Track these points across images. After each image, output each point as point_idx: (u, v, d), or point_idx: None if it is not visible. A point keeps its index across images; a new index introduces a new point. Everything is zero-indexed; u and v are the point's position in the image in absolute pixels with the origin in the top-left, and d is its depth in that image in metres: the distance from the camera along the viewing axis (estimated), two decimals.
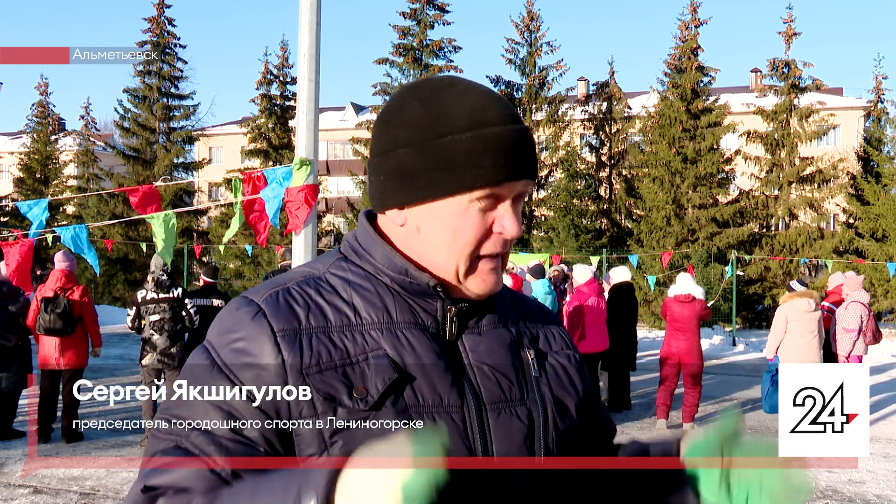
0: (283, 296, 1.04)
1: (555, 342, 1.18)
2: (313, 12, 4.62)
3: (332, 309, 1.04)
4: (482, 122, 1.01)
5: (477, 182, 1.00)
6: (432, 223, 1.03)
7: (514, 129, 1.03)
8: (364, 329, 1.03)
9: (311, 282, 1.07)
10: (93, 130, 32.25)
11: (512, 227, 1.03)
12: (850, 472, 7.05)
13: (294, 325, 1.00)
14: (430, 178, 1.01)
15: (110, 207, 25.11)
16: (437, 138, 1.00)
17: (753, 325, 20.87)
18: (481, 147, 1.00)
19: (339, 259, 1.10)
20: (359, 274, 1.07)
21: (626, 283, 9.74)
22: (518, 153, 1.03)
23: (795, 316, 8.65)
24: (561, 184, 22.74)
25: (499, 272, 1.07)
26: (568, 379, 1.14)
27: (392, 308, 1.05)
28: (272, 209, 5.52)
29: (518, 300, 1.20)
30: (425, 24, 24.31)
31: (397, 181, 1.03)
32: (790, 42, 21.64)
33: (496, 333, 1.10)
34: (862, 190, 21.65)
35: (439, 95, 1.03)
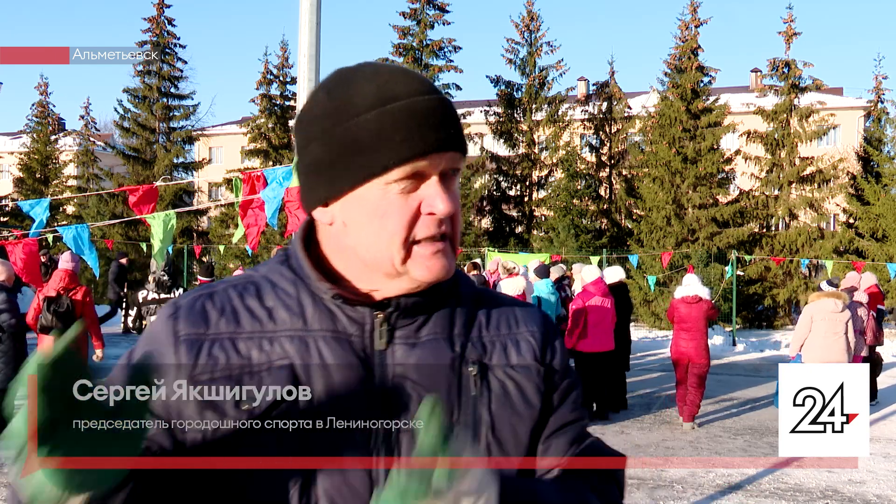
0: (204, 299, 1.03)
1: (517, 353, 1.06)
2: (313, 12, 4.62)
3: (248, 314, 1.00)
4: (388, 98, 0.95)
5: (390, 161, 0.94)
6: (357, 215, 0.98)
7: (426, 100, 0.96)
8: (275, 336, 0.99)
9: (241, 285, 1.04)
10: (93, 130, 32.24)
11: (441, 205, 0.95)
12: (850, 472, 7.05)
13: (200, 330, 0.99)
14: (342, 166, 0.96)
15: (110, 207, 25.10)
16: (343, 123, 0.95)
17: (753, 325, 20.87)
18: (389, 123, 0.94)
19: (280, 260, 1.07)
20: (288, 278, 1.03)
21: (619, 283, 9.77)
22: (433, 124, 0.95)
23: (821, 316, 8.75)
24: (561, 184, 22.74)
25: (447, 255, 0.99)
26: (520, 396, 1.04)
27: (310, 315, 1.00)
28: (271, 209, 5.52)
29: (484, 301, 1.10)
30: (425, 24, 24.31)
31: (314, 177, 1.00)
32: (790, 42, 21.63)
33: (434, 345, 1.01)
34: (862, 190, 21.64)
35: (346, 81, 0.99)
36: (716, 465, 7.28)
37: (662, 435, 8.40)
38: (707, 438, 8.28)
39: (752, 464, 7.32)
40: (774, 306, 21.01)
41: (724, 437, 8.35)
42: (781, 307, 21.15)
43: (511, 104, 25.22)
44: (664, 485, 6.61)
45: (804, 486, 6.61)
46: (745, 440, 8.24)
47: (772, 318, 21.10)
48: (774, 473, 7.02)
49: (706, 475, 6.93)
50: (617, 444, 8.08)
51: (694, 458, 7.48)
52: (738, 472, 7.05)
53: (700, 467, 7.19)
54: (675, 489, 6.51)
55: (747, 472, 7.07)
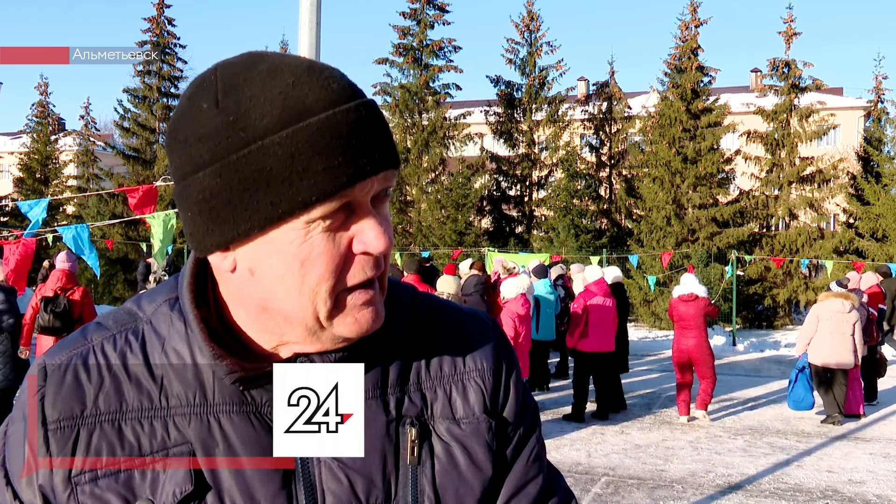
0: (75, 365, 0.82)
1: (463, 403, 0.90)
2: (313, 12, 4.61)
3: (132, 386, 0.81)
4: (300, 112, 0.73)
5: (311, 196, 0.73)
6: (268, 261, 0.77)
7: (347, 110, 0.75)
8: (169, 415, 0.80)
9: (121, 339, 0.84)
10: (93, 130, 32.24)
11: (376, 241, 0.77)
12: (850, 472, 7.05)
13: (74, 412, 0.80)
14: (246, 203, 0.74)
15: (110, 207, 25.11)
16: (242, 148, 0.73)
17: (753, 325, 20.86)
18: (305, 148, 0.72)
19: (168, 301, 0.87)
20: (180, 332, 0.84)
21: (617, 283, 9.78)
22: (361, 142, 0.74)
23: (827, 315, 8.83)
24: (561, 184, 22.73)
25: (377, 304, 0.81)
26: (468, 460, 0.88)
27: (210, 386, 0.82)
28: None
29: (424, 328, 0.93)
30: (425, 24, 24.31)
31: (207, 216, 0.76)
32: (790, 42, 21.63)
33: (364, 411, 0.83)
34: (862, 190, 21.64)
35: (237, 85, 0.75)
36: (716, 465, 7.28)
37: (662, 435, 8.40)
38: (707, 438, 8.28)
39: (752, 464, 7.32)
40: (774, 306, 21.01)
41: (724, 437, 8.34)
42: (781, 307, 21.14)
43: (511, 104, 25.22)
44: (664, 485, 6.61)
45: (804, 486, 6.61)
46: (745, 440, 8.24)
47: (772, 318, 21.10)
48: (774, 473, 7.02)
49: (706, 475, 6.93)
50: (617, 443, 8.11)
51: (694, 458, 7.48)
52: (738, 472, 7.05)
53: (700, 467, 7.19)
54: (675, 489, 6.50)
55: (747, 472, 7.07)
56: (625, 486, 6.53)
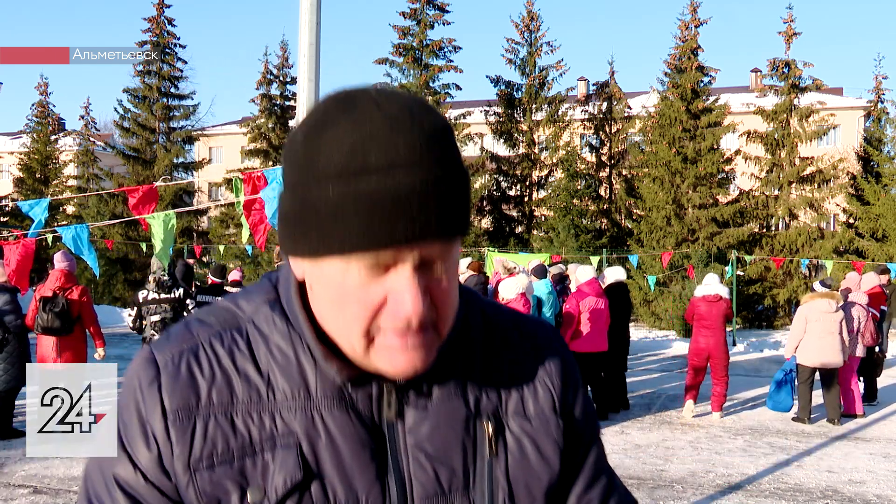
0: (187, 359, 0.89)
1: (534, 402, 0.97)
2: (313, 12, 4.61)
3: (242, 381, 0.88)
4: (358, 170, 0.77)
5: (346, 247, 0.78)
6: (319, 284, 0.84)
7: (404, 176, 0.77)
8: (276, 408, 0.87)
9: (227, 336, 0.91)
10: (93, 130, 32.24)
11: (409, 306, 0.79)
12: (850, 473, 7.05)
13: (191, 403, 0.87)
14: (302, 230, 0.81)
15: (110, 207, 25.10)
16: (307, 183, 0.80)
17: (753, 325, 20.87)
18: (350, 204, 0.77)
19: (268, 302, 0.93)
20: (282, 332, 0.90)
21: (619, 283, 9.79)
22: (406, 211, 0.77)
23: (815, 316, 8.85)
24: (561, 184, 22.74)
25: (422, 348, 0.83)
26: (537, 455, 0.95)
27: (312, 383, 0.88)
28: (272, 209, 5.51)
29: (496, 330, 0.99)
30: (425, 24, 24.31)
31: (283, 226, 0.85)
32: (790, 42, 21.64)
33: (447, 407, 0.91)
34: (862, 190, 21.65)
35: (323, 126, 0.80)
36: (716, 465, 7.28)
37: (662, 435, 8.40)
38: (707, 438, 8.28)
39: (752, 464, 7.32)
40: (774, 306, 21.02)
41: (724, 437, 8.34)
42: (781, 307, 21.15)
43: (511, 104, 25.22)
44: (664, 485, 6.61)
45: (804, 486, 6.61)
46: (745, 440, 8.24)
47: (772, 318, 21.11)
48: (774, 473, 7.02)
49: (706, 475, 6.93)
50: (617, 443, 8.10)
51: (694, 458, 7.48)
52: (738, 472, 7.05)
53: (700, 467, 7.19)
54: (675, 489, 6.50)
55: (747, 472, 7.06)
56: None
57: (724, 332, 9.16)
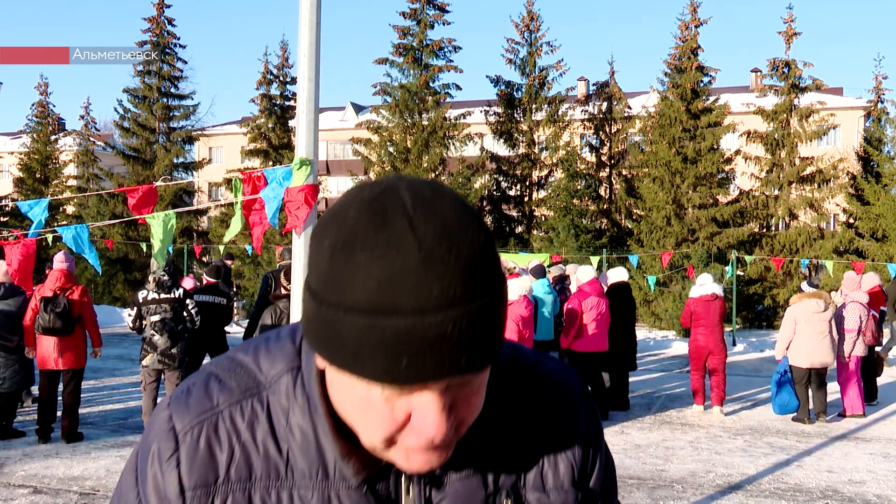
0: (207, 433, 0.88)
1: (555, 475, 0.95)
2: (313, 12, 4.61)
3: (261, 457, 0.88)
4: (388, 309, 0.72)
5: (370, 376, 0.76)
6: (341, 386, 0.82)
7: (437, 322, 0.73)
8: (294, 486, 0.87)
9: (247, 407, 0.89)
10: (93, 130, 32.24)
11: (432, 430, 0.78)
12: (850, 473, 7.05)
13: (209, 480, 0.87)
14: (325, 345, 0.78)
15: (110, 207, 25.10)
16: (331, 306, 0.76)
17: (753, 325, 20.87)
18: (377, 342, 0.73)
19: (291, 371, 0.91)
20: (303, 408, 0.89)
21: (622, 283, 9.81)
22: (439, 352, 0.74)
23: (804, 317, 8.86)
24: (561, 184, 22.73)
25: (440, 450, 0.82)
26: None
27: (331, 463, 0.88)
28: (272, 209, 5.51)
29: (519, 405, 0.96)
30: (425, 24, 24.29)
31: (304, 320, 0.82)
32: (790, 42, 21.63)
33: (465, 485, 0.90)
34: (862, 190, 21.64)
35: (354, 244, 0.74)
36: (716, 465, 7.28)
37: (662, 435, 8.40)
38: (707, 438, 8.28)
39: (752, 464, 7.32)
40: (774, 306, 21.00)
41: (724, 437, 8.34)
42: (781, 307, 21.12)
43: (511, 104, 25.22)
44: (664, 485, 6.61)
45: (804, 486, 6.61)
46: (745, 440, 8.24)
47: (772, 318, 21.10)
48: (774, 473, 7.02)
49: (706, 475, 6.93)
50: (617, 443, 8.10)
51: (694, 458, 7.48)
52: (738, 472, 7.05)
53: (700, 467, 7.19)
54: (675, 489, 6.50)
55: (747, 472, 7.06)
56: (625, 486, 6.52)
57: (722, 330, 9.44)
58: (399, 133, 24.32)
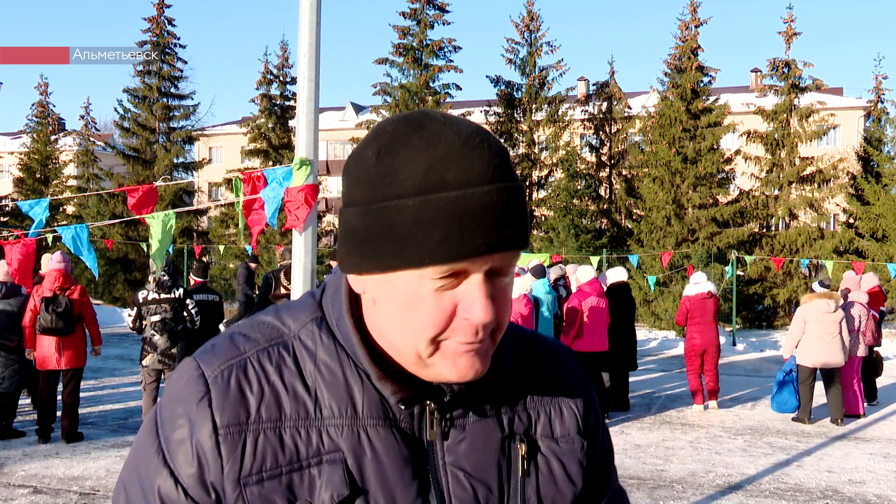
0: (237, 375, 0.90)
1: (561, 424, 1.02)
2: (313, 12, 4.61)
3: (290, 397, 0.90)
4: (437, 185, 0.80)
5: (424, 260, 0.81)
6: (386, 298, 0.86)
7: (480, 193, 0.81)
8: (323, 425, 0.90)
9: (274, 352, 0.93)
10: (93, 130, 32.23)
11: (480, 313, 0.83)
12: (850, 472, 7.05)
13: (241, 419, 0.88)
14: (374, 247, 0.84)
15: (110, 207, 25.09)
16: (381, 201, 0.83)
17: (753, 325, 20.87)
18: (429, 217, 0.80)
19: (314, 320, 0.95)
20: (329, 349, 0.93)
21: (622, 283, 9.82)
22: (483, 224, 0.81)
23: (814, 317, 8.88)
24: (561, 184, 22.72)
25: (481, 354, 0.87)
26: (564, 475, 1.00)
27: (359, 400, 0.91)
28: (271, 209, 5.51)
29: (526, 355, 1.04)
30: (425, 24, 24.29)
31: (349, 244, 0.88)
32: (790, 42, 21.62)
33: (483, 427, 0.95)
34: (862, 190, 21.64)
35: (397, 145, 0.84)
36: (716, 465, 7.28)
37: (662, 435, 8.40)
38: (707, 438, 8.28)
39: (752, 464, 7.32)
40: (774, 306, 21.00)
41: (724, 437, 8.34)
42: (781, 307, 21.13)
43: (511, 104, 25.21)
44: (664, 485, 6.61)
45: (804, 486, 6.61)
46: (745, 440, 8.24)
47: (772, 318, 21.10)
48: (774, 473, 7.02)
49: (706, 475, 6.93)
50: (617, 444, 8.09)
51: (694, 458, 7.48)
52: (738, 472, 7.05)
53: (700, 467, 7.19)
54: (675, 489, 6.50)
55: (747, 472, 7.07)
56: (625, 486, 6.52)
57: (717, 328, 9.68)
58: None
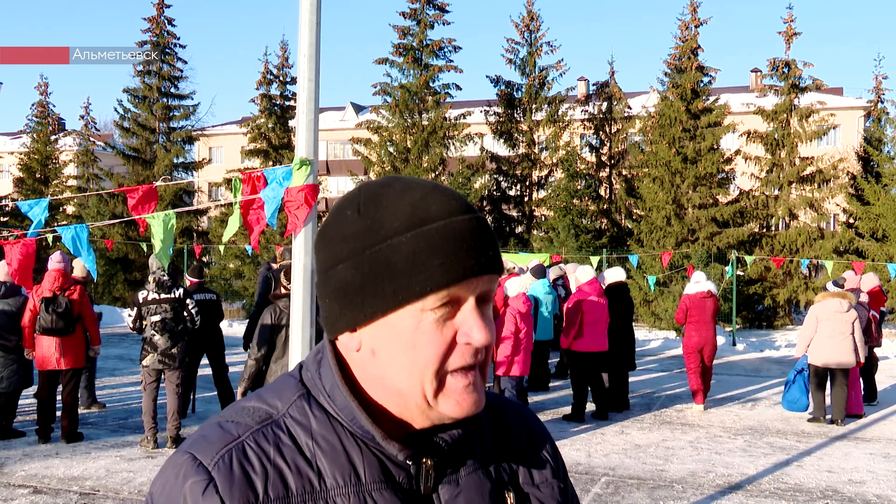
0: (237, 459, 0.90)
1: (539, 472, 1.08)
2: (313, 12, 4.61)
3: (293, 473, 0.91)
4: (424, 219, 0.88)
5: (427, 287, 0.87)
6: (387, 343, 0.91)
7: (463, 220, 0.90)
8: (329, 496, 0.91)
9: (268, 432, 0.93)
10: (93, 130, 32.21)
11: (479, 335, 0.90)
12: (850, 472, 7.05)
13: (251, 500, 0.88)
14: (373, 290, 0.89)
15: (110, 207, 25.08)
16: (375, 245, 0.89)
17: (753, 325, 20.86)
18: (424, 246, 0.87)
19: (300, 396, 0.97)
20: (323, 422, 0.95)
21: (620, 283, 9.82)
22: (471, 246, 0.89)
23: (826, 316, 8.89)
24: (561, 184, 22.71)
25: (478, 389, 0.93)
26: None
27: (360, 466, 0.93)
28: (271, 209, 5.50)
29: (497, 416, 1.10)
30: (425, 24, 24.29)
31: (342, 301, 0.92)
32: (790, 42, 21.62)
33: (474, 480, 0.99)
34: (862, 190, 21.64)
35: (376, 198, 0.91)
36: (716, 465, 7.28)
37: (662, 435, 8.40)
38: (707, 438, 8.28)
39: (752, 464, 7.32)
40: (774, 306, 21.00)
41: (724, 437, 8.34)
42: (781, 307, 21.14)
43: (511, 104, 25.21)
44: (664, 485, 6.61)
45: (804, 486, 6.61)
46: (745, 440, 8.24)
47: (772, 318, 21.09)
48: (774, 473, 7.02)
49: (706, 475, 6.93)
50: (617, 444, 8.11)
51: (694, 458, 7.48)
52: (738, 472, 7.05)
53: (700, 467, 7.19)
54: (675, 489, 6.50)
55: (747, 472, 7.07)
56: (625, 486, 6.53)
57: (715, 327, 9.74)
58: (399, 133, 24.31)
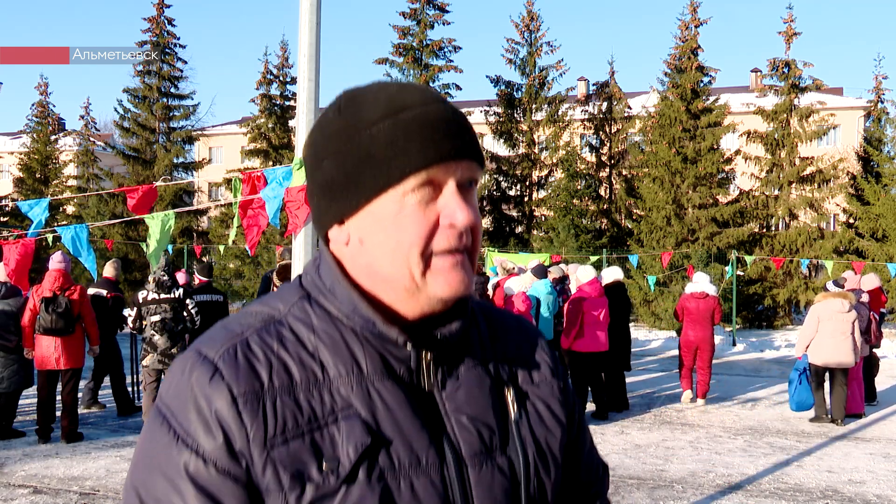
0: (241, 351, 0.93)
1: (537, 371, 1.10)
2: (313, 12, 4.61)
3: (297, 364, 0.94)
4: (399, 108, 0.92)
5: (405, 170, 0.91)
6: (373, 230, 0.94)
7: (438, 107, 0.94)
8: (332, 386, 0.94)
9: (271, 329, 0.96)
10: (93, 130, 32.21)
11: (461, 216, 0.92)
12: (850, 472, 7.05)
13: (256, 387, 0.91)
14: (355, 179, 0.93)
15: (110, 207, 25.08)
16: (354, 138, 0.93)
17: (753, 325, 20.86)
18: (401, 133, 0.91)
19: (301, 298, 1.00)
20: (324, 318, 0.98)
21: (617, 283, 9.82)
22: (446, 131, 0.93)
23: (827, 315, 8.89)
24: (561, 184, 22.72)
25: (466, 268, 0.95)
26: (550, 415, 1.08)
27: (362, 358, 0.96)
28: (272, 209, 5.50)
29: (494, 321, 1.12)
30: (425, 24, 24.30)
31: (328, 196, 0.96)
32: (790, 42, 21.62)
33: (474, 375, 1.01)
34: (862, 190, 21.64)
35: (354, 97, 0.96)
36: (716, 465, 7.28)
37: (662, 435, 8.40)
38: (707, 438, 8.28)
39: (752, 464, 7.32)
40: (774, 306, 21.00)
41: (724, 437, 8.34)
42: (781, 307, 21.13)
43: (511, 104, 25.21)
44: (664, 485, 6.61)
45: (804, 486, 6.61)
46: (745, 440, 8.24)
47: (772, 318, 21.09)
48: (774, 473, 7.02)
49: (706, 475, 6.93)
50: (617, 444, 8.10)
51: (694, 458, 7.48)
52: (738, 472, 7.05)
53: (700, 467, 7.19)
54: (675, 489, 6.50)
55: (747, 472, 7.06)
56: (625, 486, 6.52)
57: (711, 327, 9.91)
58: None
